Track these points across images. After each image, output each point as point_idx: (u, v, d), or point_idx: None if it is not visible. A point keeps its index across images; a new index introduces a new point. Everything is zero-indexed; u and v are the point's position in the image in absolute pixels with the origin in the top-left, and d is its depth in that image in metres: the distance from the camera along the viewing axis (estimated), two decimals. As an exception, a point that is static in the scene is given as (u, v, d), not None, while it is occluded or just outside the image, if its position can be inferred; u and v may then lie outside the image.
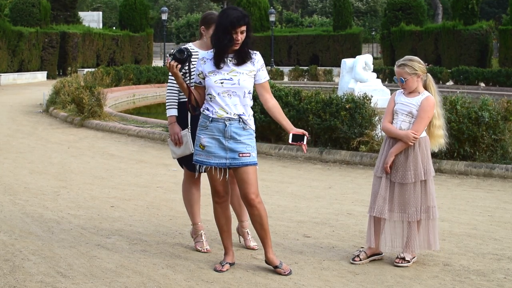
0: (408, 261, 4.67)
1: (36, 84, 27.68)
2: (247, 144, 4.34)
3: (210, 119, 4.33)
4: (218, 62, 4.32)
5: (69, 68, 32.36)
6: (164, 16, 37.97)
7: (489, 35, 34.69)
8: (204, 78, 4.37)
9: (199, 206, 5.10)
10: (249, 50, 4.35)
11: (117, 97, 20.63)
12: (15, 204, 6.51)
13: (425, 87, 4.77)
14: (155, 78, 25.91)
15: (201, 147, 4.38)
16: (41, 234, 5.43)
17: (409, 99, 4.72)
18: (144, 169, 8.80)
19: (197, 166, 4.48)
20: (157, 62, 39.65)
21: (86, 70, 26.98)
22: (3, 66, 28.03)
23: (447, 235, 5.49)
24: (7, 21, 29.33)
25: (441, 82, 28.42)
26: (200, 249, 4.96)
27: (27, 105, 18.19)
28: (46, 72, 31.14)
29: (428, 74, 4.80)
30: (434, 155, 8.45)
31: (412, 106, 4.69)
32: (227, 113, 4.31)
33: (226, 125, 4.31)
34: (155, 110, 20.47)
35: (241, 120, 4.33)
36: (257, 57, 4.42)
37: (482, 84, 27.51)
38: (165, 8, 38.84)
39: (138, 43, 37.77)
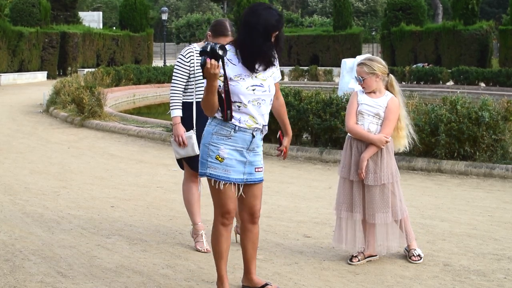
0: (421, 257, 4.74)
1: (36, 84, 27.68)
2: (261, 156, 3.98)
3: (237, 128, 3.79)
4: (254, 67, 3.80)
5: (69, 68, 32.35)
6: (164, 16, 38.01)
7: (489, 35, 34.70)
8: (223, 82, 3.78)
9: (199, 206, 5.10)
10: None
11: (117, 97, 20.63)
12: (15, 204, 6.51)
13: (388, 88, 4.75)
14: (155, 78, 25.91)
15: (219, 159, 3.81)
16: (41, 234, 5.42)
17: (375, 100, 4.67)
18: (144, 169, 8.80)
19: (212, 182, 3.86)
20: (157, 62, 39.64)
21: (86, 70, 26.97)
22: (3, 66, 28.02)
23: (447, 235, 5.49)
24: (7, 21, 29.33)
25: (441, 82, 28.44)
26: (200, 249, 4.96)
27: (27, 105, 18.18)
28: (46, 72, 31.12)
29: (391, 75, 4.77)
30: (434, 155, 8.49)
31: (379, 108, 4.66)
32: (257, 123, 3.85)
33: (253, 136, 3.84)
34: (155, 110, 20.47)
35: (262, 131, 3.92)
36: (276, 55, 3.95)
37: (482, 84, 27.50)
38: (165, 8, 38.90)
39: (138, 43, 37.77)
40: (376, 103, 4.67)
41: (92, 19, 44.65)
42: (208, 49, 3.59)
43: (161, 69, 27.14)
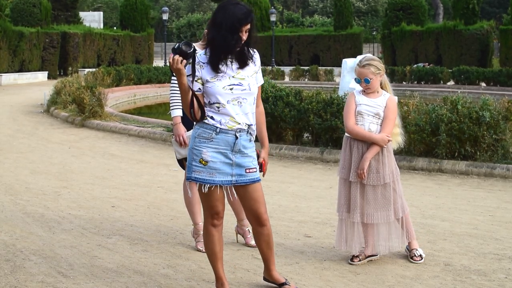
0: (422, 257, 4.75)
1: (37, 84, 27.68)
2: (253, 157, 3.88)
3: (218, 129, 3.78)
4: (217, 65, 3.78)
5: (70, 68, 32.33)
6: (165, 16, 38.03)
7: (490, 35, 34.67)
8: (203, 84, 3.81)
9: (200, 206, 5.09)
10: (250, 49, 3.89)
11: (118, 97, 20.63)
12: (16, 204, 6.51)
13: (382, 86, 4.76)
14: (156, 78, 25.91)
15: (203, 162, 3.79)
16: (42, 234, 5.43)
17: (374, 100, 4.67)
18: (145, 169, 8.80)
19: (197, 185, 3.88)
20: (158, 62, 39.66)
21: (87, 70, 26.95)
22: (4, 66, 28.02)
23: (448, 234, 5.49)
24: (8, 21, 29.31)
25: (442, 82, 28.43)
26: (201, 249, 4.96)
27: (28, 105, 18.19)
28: (47, 72, 31.11)
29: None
30: (435, 154, 8.49)
31: (379, 107, 4.66)
32: (239, 123, 3.80)
33: (236, 137, 3.79)
34: (156, 110, 20.48)
35: (249, 131, 3.87)
36: (256, 55, 3.96)
37: (483, 84, 27.48)
38: (165, 8, 38.92)
39: (139, 43, 37.76)
40: (375, 103, 4.67)
41: (92, 19, 44.63)
42: (176, 46, 3.67)
43: (161, 69, 27.14)
